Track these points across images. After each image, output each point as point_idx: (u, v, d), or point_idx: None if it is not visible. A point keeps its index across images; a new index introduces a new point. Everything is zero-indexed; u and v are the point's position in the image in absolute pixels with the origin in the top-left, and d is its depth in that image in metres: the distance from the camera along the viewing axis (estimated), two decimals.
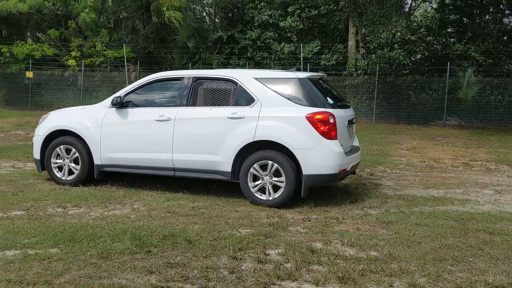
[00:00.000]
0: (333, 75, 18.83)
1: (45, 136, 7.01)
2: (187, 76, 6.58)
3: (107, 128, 6.68)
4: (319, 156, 5.86)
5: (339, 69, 18.94)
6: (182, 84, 6.54)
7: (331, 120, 5.90)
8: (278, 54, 19.61)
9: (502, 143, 12.79)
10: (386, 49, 18.38)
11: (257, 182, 6.04)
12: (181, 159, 6.33)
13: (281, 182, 5.92)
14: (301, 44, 18.92)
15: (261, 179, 6.03)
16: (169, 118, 6.37)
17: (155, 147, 6.46)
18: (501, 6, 20.05)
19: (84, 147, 6.78)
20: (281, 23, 19.30)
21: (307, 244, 4.60)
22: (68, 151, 6.90)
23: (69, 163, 6.89)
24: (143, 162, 6.54)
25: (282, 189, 5.92)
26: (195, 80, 6.49)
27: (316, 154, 5.85)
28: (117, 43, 20.49)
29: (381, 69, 18.16)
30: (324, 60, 18.88)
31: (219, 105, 6.33)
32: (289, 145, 5.90)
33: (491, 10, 20.46)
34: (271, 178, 5.98)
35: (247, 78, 6.30)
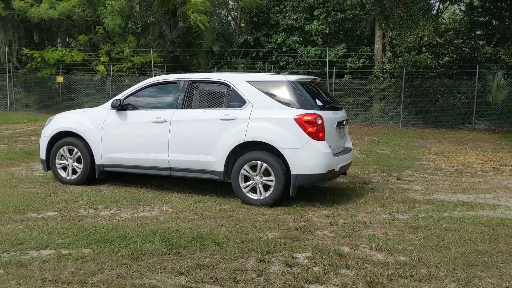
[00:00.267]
0: (359, 78, 18.73)
1: (50, 137, 7.32)
2: (183, 79, 6.83)
3: (108, 130, 6.96)
4: (307, 156, 6.01)
5: (365, 72, 18.81)
6: (178, 87, 6.79)
7: (318, 122, 6.04)
8: (303, 58, 19.59)
9: None
10: (413, 52, 18.17)
11: (248, 183, 6.22)
12: (176, 159, 6.55)
13: (270, 181, 6.08)
14: (326, 48, 18.86)
15: (251, 179, 6.20)
16: (165, 120, 6.60)
17: (152, 147, 6.70)
18: None
19: (86, 148, 7.05)
20: (306, 27, 19.28)
21: (335, 248, 4.60)
22: (70, 151, 7.17)
23: (72, 163, 7.16)
24: (141, 162, 6.79)
25: (272, 188, 6.07)
26: (191, 83, 6.73)
27: (304, 155, 6.01)
28: (145, 48, 20.81)
29: (408, 72, 17.96)
30: (350, 63, 18.77)
31: (213, 107, 6.55)
32: (278, 145, 6.06)
33: None
34: (261, 178, 6.15)
35: (239, 81, 6.50)
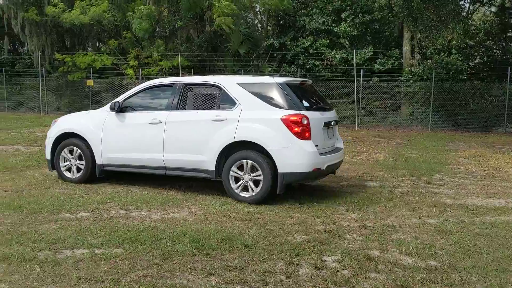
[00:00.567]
0: (388, 81, 18.53)
1: (54, 138, 7.61)
2: (178, 82, 7.09)
3: (107, 131, 7.24)
4: (292, 155, 6.18)
5: (393, 74, 18.60)
6: (173, 90, 7.03)
7: (304, 122, 6.20)
8: (330, 61, 19.51)
9: None
10: (443, 54, 17.88)
11: (239, 183, 6.42)
12: (171, 158, 6.79)
13: (259, 176, 6.27)
14: (354, 50, 18.73)
15: (241, 179, 6.40)
16: (160, 121, 6.86)
17: (148, 147, 6.95)
18: None
19: (88, 148, 7.33)
20: (334, 29, 19.18)
21: (364, 251, 4.58)
22: (71, 152, 7.46)
23: (75, 162, 7.44)
24: (138, 161, 7.06)
25: (261, 183, 6.25)
26: (185, 86, 6.98)
27: (290, 154, 6.18)
28: (172, 52, 21.09)
29: (437, 74, 17.68)
30: (379, 66, 18.58)
31: (205, 109, 6.78)
32: (265, 145, 6.25)
33: None
34: (250, 175, 6.34)
35: (230, 83, 6.71)
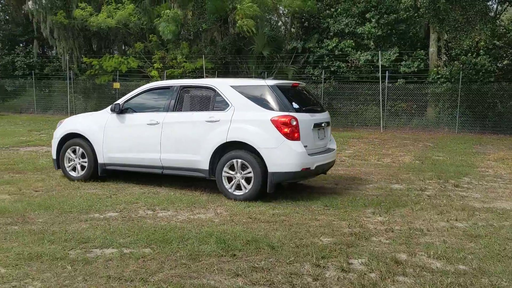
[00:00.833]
0: (414, 82, 18.27)
1: (60, 138, 7.94)
2: (175, 85, 7.38)
3: (109, 131, 7.55)
4: (281, 155, 6.41)
5: (419, 76, 18.34)
6: (170, 92, 7.32)
7: (293, 123, 6.43)
8: (355, 63, 19.35)
9: None
10: (471, 55, 17.55)
11: (232, 182, 6.66)
12: (167, 158, 7.08)
13: (249, 173, 6.51)
14: (379, 52, 18.54)
15: (234, 178, 6.64)
16: (157, 122, 7.14)
17: (146, 147, 7.24)
18: None
19: (90, 148, 7.66)
20: (359, 29, 19.01)
21: (391, 254, 4.53)
22: (74, 152, 7.79)
23: (78, 161, 7.76)
24: (137, 161, 7.36)
25: (252, 180, 6.47)
26: (182, 88, 7.26)
27: (279, 154, 6.41)
28: (197, 54, 21.26)
29: (465, 76, 17.36)
30: (404, 67, 18.33)
31: (200, 110, 7.04)
32: (256, 145, 6.49)
33: None
34: (241, 174, 6.58)
35: (224, 86, 6.96)
